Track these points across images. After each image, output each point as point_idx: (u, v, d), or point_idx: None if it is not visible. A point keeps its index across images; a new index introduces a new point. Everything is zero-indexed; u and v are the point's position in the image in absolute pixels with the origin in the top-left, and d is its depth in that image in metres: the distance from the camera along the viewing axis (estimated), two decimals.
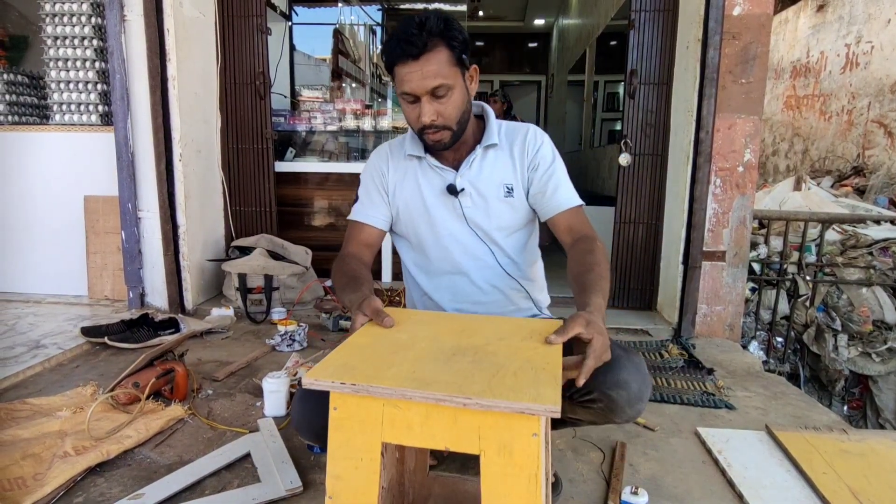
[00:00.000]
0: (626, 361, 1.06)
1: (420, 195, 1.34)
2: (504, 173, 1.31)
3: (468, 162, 1.31)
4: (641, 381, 1.06)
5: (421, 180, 1.34)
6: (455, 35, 1.15)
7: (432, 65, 1.14)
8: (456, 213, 1.32)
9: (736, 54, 2.53)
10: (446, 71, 1.15)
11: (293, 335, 2.43)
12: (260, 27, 3.10)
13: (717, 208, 2.64)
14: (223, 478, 1.43)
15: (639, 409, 1.09)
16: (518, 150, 1.31)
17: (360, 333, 0.98)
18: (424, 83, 1.15)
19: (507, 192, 1.31)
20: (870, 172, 4.72)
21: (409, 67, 1.14)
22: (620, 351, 1.08)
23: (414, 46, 1.12)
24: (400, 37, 1.14)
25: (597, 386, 1.05)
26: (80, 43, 2.92)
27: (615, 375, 1.05)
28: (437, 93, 1.16)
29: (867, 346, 2.93)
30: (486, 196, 1.31)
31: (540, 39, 9.46)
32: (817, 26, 5.75)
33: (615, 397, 1.06)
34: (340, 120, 3.57)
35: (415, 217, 1.35)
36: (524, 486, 0.74)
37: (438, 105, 1.18)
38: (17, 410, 1.72)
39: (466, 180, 1.30)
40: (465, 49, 1.18)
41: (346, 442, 0.79)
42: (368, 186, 1.39)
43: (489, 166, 1.31)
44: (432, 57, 1.13)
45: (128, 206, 2.76)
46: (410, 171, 1.35)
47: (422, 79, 1.15)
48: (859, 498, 1.35)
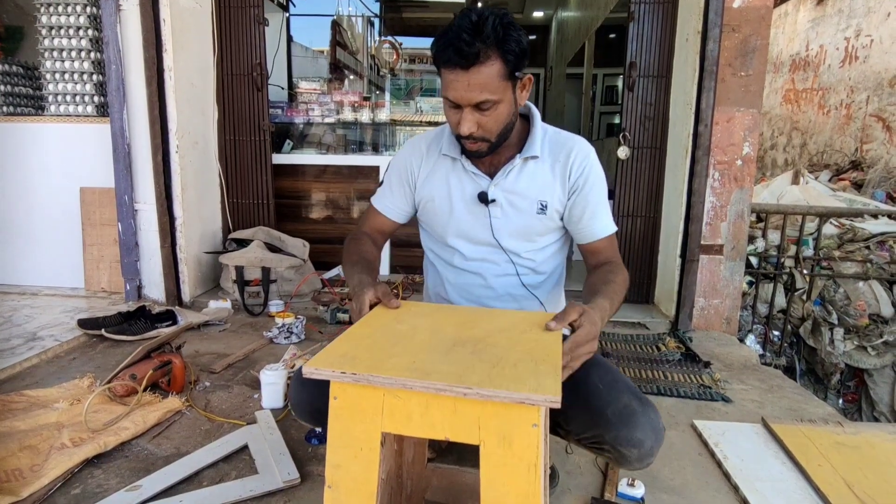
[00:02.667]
0: (642, 418, 1.03)
1: (448, 196, 1.28)
2: (541, 189, 1.23)
3: (505, 171, 1.23)
4: (654, 439, 1.03)
5: (452, 181, 1.28)
6: (512, 46, 1.03)
7: (482, 78, 1.04)
8: (483, 221, 1.26)
9: (735, 47, 2.52)
10: (495, 85, 1.05)
11: (291, 327, 2.42)
12: (257, 18, 3.07)
13: (715, 202, 2.64)
14: (221, 469, 1.43)
15: (648, 463, 1.06)
16: (560, 167, 1.22)
17: (361, 324, 0.97)
18: (469, 95, 1.06)
19: (541, 208, 1.23)
20: (868, 166, 4.73)
21: (455, 75, 1.05)
22: (636, 403, 1.04)
23: (464, 56, 1.02)
24: (452, 39, 1.02)
25: (609, 440, 1.03)
26: (76, 33, 2.90)
27: (630, 433, 1.01)
28: (481, 106, 1.07)
29: (863, 339, 2.94)
30: (519, 209, 1.24)
31: (539, 32, 9.41)
32: (817, 20, 5.74)
33: (626, 454, 1.03)
34: (338, 112, 3.56)
35: (438, 215, 1.30)
36: (523, 476, 0.74)
37: (481, 117, 1.09)
38: (14, 402, 1.72)
39: (500, 190, 1.23)
40: (522, 60, 1.07)
41: (345, 431, 0.79)
42: (393, 178, 1.34)
43: (526, 179, 1.23)
44: (483, 69, 1.03)
45: (124, 197, 2.74)
46: (442, 169, 1.29)
47: (467, 90, 1.05)
48: (854, 490, 1.36)
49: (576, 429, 1.09)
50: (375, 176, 3.37)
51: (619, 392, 1.06)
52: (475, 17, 1.03)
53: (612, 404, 1.04)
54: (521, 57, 1.06)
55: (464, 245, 1.30)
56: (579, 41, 6.26)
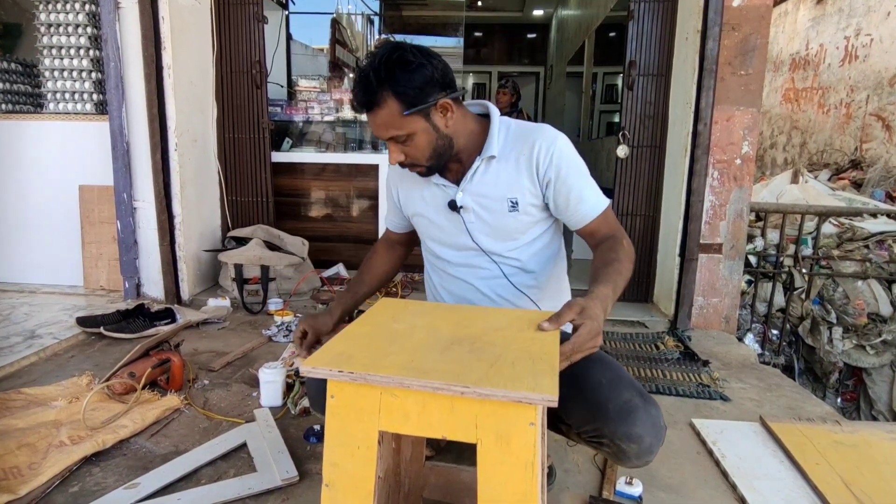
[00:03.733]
0: (643, 414, 1.02)
1: (426, 210, 1.33)
2: (508, 187, 1.23)
3: (468, 177, 1.24)
4: (655, 436, 1.03)
5: (426, 195, 1.32)
6: (401, 87, 1.08)
7: (382, 118, 1.12)
8: (459, 227, 1.28)
9: (735, 46, 2.51)
10: (398, 122, 1.12)
11: (289, 326, 2.42)
12: (256, 15, 3.07)
13: (714, 201, 2.64)
14: (219, 468, 1.44)
15: (647, 461, 1.06)
16: (525, 161, 1.21)
17: (359, 322, 0.98)
18: (379, 133, 1.16)
19: (512, 206, 1.23)
20: (867, 166, 4.73)
21: (366, 117, 1.16)
22: (638, 399, 1.04)
23: (360, 104, 1.13)
24: (354, 86, 1.15)
25: (609, 434, 1.03)
26: (75, 30, 2.89)
27: (630, 429, 1.01)
28: (396, 139, 1.15)
29: (862, 338, 2.94)
30: (490, 210, 1.25)
31: (539, 30, 9.40)
32: (817, 18, 5.73)
33: (626, 449, 1.03)
34: (337, 110, 3.55)
35: (423, 228, 1.38)
36: (520, 474, 0.74)
37: (403, 147, 1.17)
38: (13, 400, 1.72)
39: (468, 195, 1.25)
40: (421, 94, 1.10)
41: (343, 430, 0.79)
42: (386, 196, 1.47)
43: (491, 179, 1.24)
44: (380, 112, 1.11)
45: (123, 195, 2.74)
46: (417, 186, 1.33)
47: (376, 129, 1.15)
48: (851, 489, 1.36)
49: (576, 422, 1.09)
50: (374, 174, 3.37)
51: (621, 387, 1.06)
52: (366, 66, 1.11)
53: (613, 399, 1.03)
54: (418, 91, 1.10)
55: (448, 253, 1.34)
56: (579, 40, 6.25)
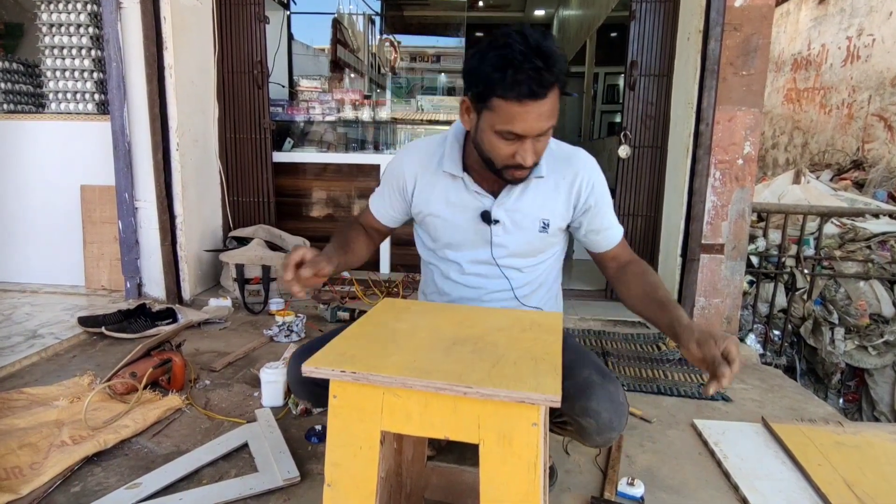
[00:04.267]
0: (599, 389, 1.03)
1: (449, 214, 1.25)
2: (543, 207, 1.22)
3: (508, 191, 1.20)
4: (613, 411, 1.03)
5: (453, 199, 1.24)
6: (563, 66, 1.01)
7: (548, 105, 1.01)
8: (483, 238, 1.25)
9: (737, 46, 2.51)
10: (556, 109, 1.04)
11: (291, 326, 2.42)
12: (258, 15, 3.07)
13: (716, 201, 2.63)
14: (220, 468, 1.43)
15: (609, 438, 1.06)
16: (566, 185, 1.21)
17: (361, 322, 0.97)
18: (540, 125, 1.02)
19: (543, 227, 1.22)
20: (869, 166, 4.72)
21: (524, 107, 0.99)
22: (596, 376, 1.06)
23: (543, 86, 0.97)
24: (523, 70, 0.96)
25: (567, 410, 1.05)
26: (76, 31, 2.90)
27: (586, 403, 1.03)
28: (544, 132, 1.05)
29: (864, 339, 2.94)
30: (521, 227, 1.23)
31: None
32: (819, 19, 5.72)
33: (585, 425, 1.04)
34: (339, 110, 3.55)
35: (438, 230, 1.29)
36: (523, 475, 0.74)
37: (538, 144, 1.07)
38: (14, 400, 1.72)
39: (503, 210, 1.21)
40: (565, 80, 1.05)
41: (345, 429, 0.79)
42: (386, 185, 1.32)
43: (530, 197, 1.21)
44: (550, 96, 1.00)
45: (124, 195, 2.74)
46: (441, 185, 1.25)
47: (538, 120, 1.01)
48: (854, 490, 1.36)
49: None
50: (376, 174, 3.37)
51: (581, 367, 1.08)
52: (535, 43, 0.97)
53: (571, 378, 1.04)
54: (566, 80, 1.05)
55: (462, 259, 1.29)
56: (581, 40, 6.25)
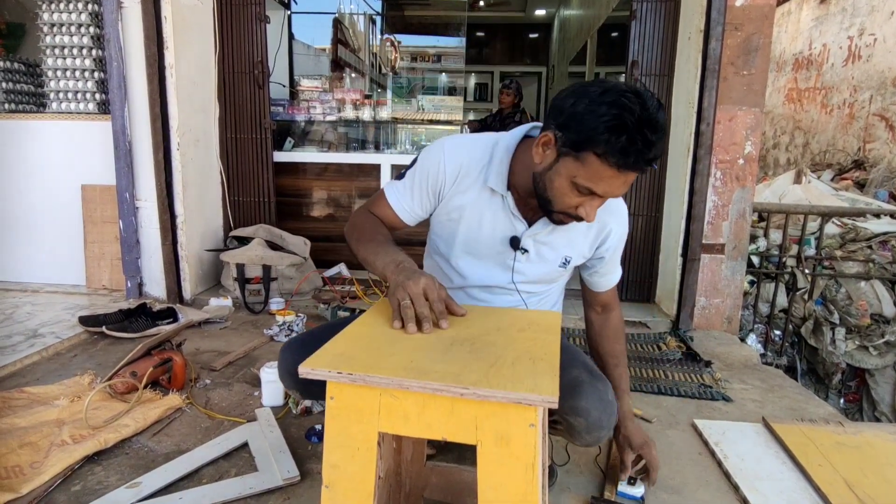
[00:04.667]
0: (588, 388, 1.05)
1: (479, 228, 1.21)
2: (569, 245, 1.23)
3: (545, 223, 1.18)
4: (602, 410, 1.05)
5: (486, 212, 1.20)
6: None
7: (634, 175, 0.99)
8: (506, 263, 1.24)
9: (738, 45, 2.51)
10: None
11: (291, 325, 2.43)
12: (259, 15, 3.07)
13: (716, 201, 2.63)
14: (220, 467, 1.44)
15: (598, 437, 1.08)
16: (595, 231, 1.23)
17: (359, 323, 0.97)
18: (622, 190, 1.01)
19: (564, 263, 1.24)
20: (870, 166, 4.71)
21: (622, 175, 0.96)
22: (585, 375, 1.07)
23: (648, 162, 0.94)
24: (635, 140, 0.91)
25: (556, 410, 1.05)
26: (77, 30, 2.90)
27: (576, 402, 1.04)
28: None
29: (865, 339, 2.93)
30: (545, 259, 1.24)
31: (541, 30, 9.39)
32: (820, 18, 5.71)
33: (573, 423, 1.06)
34: (340, 110, 3.55)
35: (461, 239, 1.24)
36: (521, 475, 0.74)
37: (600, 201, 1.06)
38: (15, 399, 1.72)
39: (532, 241, 1.21)
40: None
41: (342, 431, 0.79)
42: (417, 178, 1.21)
43: (560, 234, 1.21)
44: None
45: (125, 195, 2.75)
46: (478, 196, 1.19)
47: (623, 186, 1.00)
48: (854, 490, 1.36)
49: None
50: (377, 174, 3.37)
51: (571, 367, 1.10)
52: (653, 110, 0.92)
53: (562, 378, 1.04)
54: None
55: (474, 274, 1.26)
56: (581, 40, 6.24)
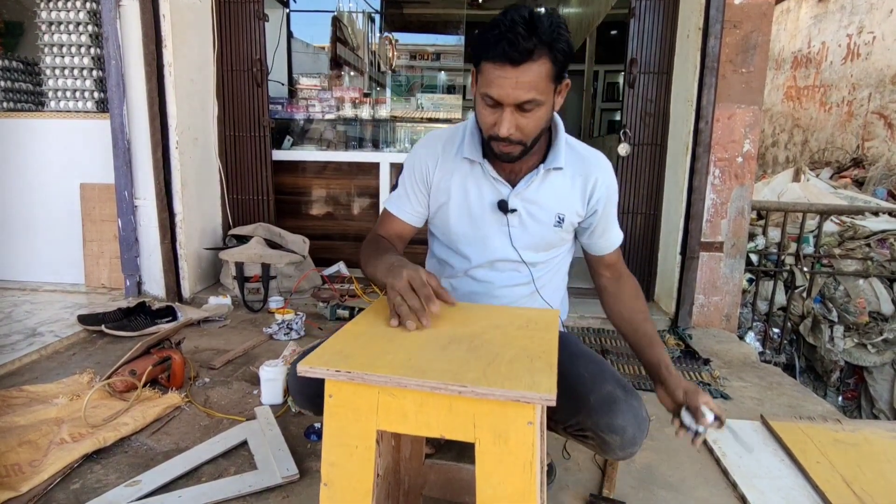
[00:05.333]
0: (624, 405, 1.03)
1: (467, 202, 1.23)
2: (560, 202, 1.21)
3: (527, 181, 1.19)
4: (637, 427, 1.03)
5: (470, 186, 1.22)
6: (563, 46, 1.01)
7: (531, 76, 1.00)
8: (501, 230, 1.23)
9: (737, 43, 2.51)
10: (542, 85, 1.02)
11: (290, 324, 2.43)
12: (257, 13, 3.06)
13: (715, 199, 2.63)
14: (220, 465, 1.44)
15: (631, 452, 1.06)
16: (581, 183, 1.21)
17: (357, 321, 0.97)
18: (516, 93, 1.01)
19: (558, 221, 1.22)
20: (869, 164, 4.71)
21: (503, 71, 0.99)
22: (619, 391, 1.05)
23: (517, 51, 0.97)
24: (504, 33, 0.97)
25: (591, 426, 1.04)
26: (76, 29, 2.89)
27: (612, 420, 1.02)
28: (524, 106, 1.03)
29: (863, 337, 2.94)
30: (537, 220, 1.22)
31: None
32: (819, 16, 5.71)
33: (609, 441, 1.04)
34: (338, 108, 3.55)
35: (454, 220, 1.25)
36: (519, 473, 0.74)
37: (521, 119, 1.05)
38: (14, 398, 1.72)
39: (520, 200, 1.20)
40: (567, 63, 1.04)
41: (341, 429, 0.79)
42: (407, 180, 1.27)
43: (547, 190, 1.21)
44: (534, 67, 0.99)
45: (124, 193, 2.74)
46: (460, 172, 1.23)
47: (514, 88, 1.00)
48: (852, 487, 1.36)
49: (560, 416, 1.10)
50: (376, 172, 3.37)
51: (603, 380, 1.07)
52: (528, 14, 0.99)
53: (595, 392, 1.05)
54: (569, 58, 1.04)
55: (475, 253, 1.26)
56: (580, 38, 6.23)
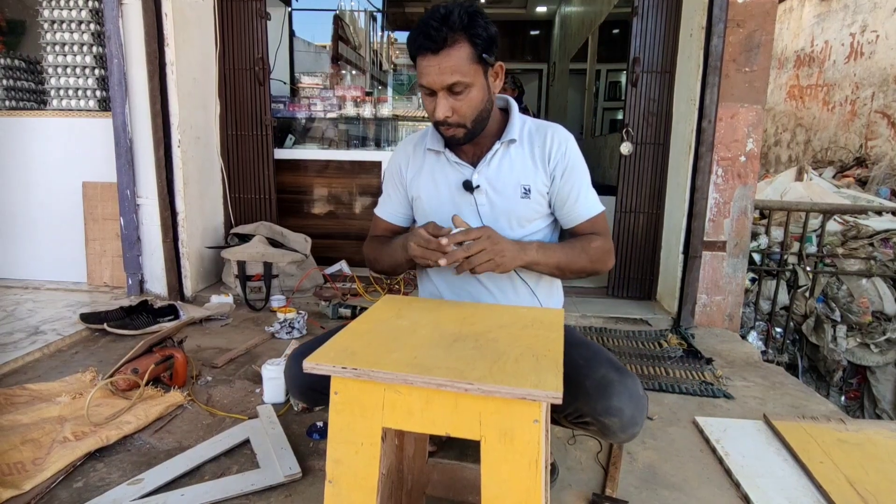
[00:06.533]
0: (619, 387, 1.05)
1: (436, 190, 1.31)
2: (522, 173, 1.27)
3: (486, 159, 1.27)
4: (635, 407, 1.05)
5: (438, 175, 1.31)
6: (479, 31, 1.12)
7: (451, 61, 1.11)
8: (471, 209, 1.28)
9: (740, 42, 2.50)
10: (465, 68, 1.13)
11: (292, 322, 2.43)
12: (259, 12, 3.06)
13: (718, 198, 2.63)
14: (222, 464, 1.44)
15: (633, 433, 1.07)
16: (539, 151, 1.27)
17: (363, 319, 0.97)
18: (441, 78, 1.13)
19: (524, 192, 1.26)
20: (872, 163, 4.70)
21: (427, 61, 1.12)
22: (614, 373, 1.06)
23: (433, 41, 1.10)
24: (422, 28, 1.11)
25: (589, 411, 1.05)
26: (78, 27, 2.89)
27: (608, 402, 1.04)
28: (453, 89, 1.14)
29: (866, 336, 2.93)
30: (503, 194, 1.27)
31: (542, 27, 9.36)
32: (822, 15, 5.70)
33: (608, 424, 1.05)
34: (340, 107, 3.55)
35: (430, 212, 1.32)
36: (524, 471, 0.74)
37: (454, 102, 1.16)
38: (17, 396, 1.72)
39: (483, 177, 1.27)
40: (490, 46, 1.14)
41: (346, 426, 0.79)
42: (388, 183, 1.41)
43: (507, 164, 1.27)
44: (452, 52, 1.11)
45: (126, 192, 2.75)
46: (427, 165, 1.33)
47: (438, 74, 1.12)
48: (855, 487, 1.36)
49: (558, 406, 1.10)
50: (378, 171, 3.37)
51: (597, 365, 1.09)
52: (443, 10, 1.11)
53: (590, 377, 1.07)
54: (489, 42, 1.14)
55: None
56: (583, 36, 6.23)
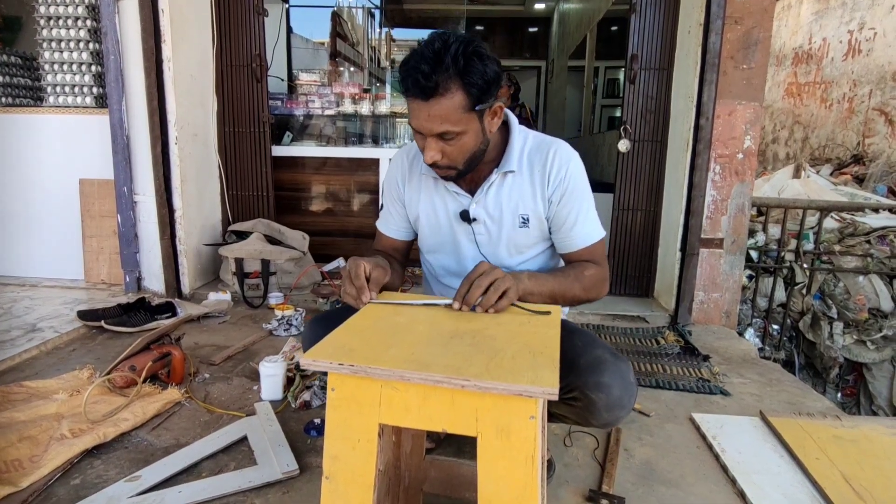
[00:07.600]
0: (611, 366, 1.05)
1: (436, 215, 1.28)
2: (520, 202, 1.22)
3: (484, 189, 1.22)
4: (623, 389, 1.04)
5: (436, 200, 1.28)
6: (475, 78, 1.01)
7: (441, 110, 1.02)
8: (469, 238, 1.27)
9: (738, 39, 2.50)
10: (456, 117, 1.04)
11: (290, 320, 2.43)
12: (257, 8, 3.05)
13: (715, 195, 2.63)
14: (220, 461, 1.44)
15: (618, 416, 1.07)
16: (539, 176, 1.21)
17: (360, 315, 0.97)
18: (430, 126, 1.05)
19: (523, 222, 1.23)
20: (869, 161, 4.71)
21: (417, 104, 1.04)
22: (608, 355, 1.07)
23: (422, 90, 1.00)
24: (413, 68, 1.00)
25: (579, 385, 1.05)
26: (74, 23, 2.88)
27: (599, 378, 1.04)
28: (444, 136, 1.07)
29: (862, 333, 2.94)
30: (501, 224, 1.24)
31: (540, 24, 9.35)
32: (820, 12, 5.70)
33: (594, 399, 1.05)
34: (338, 104, 3.54)
35: (429, 235, 1.31)
36: (521, 467, 0.74)
37: (444, 146, 1.08)
38: (14, 393, 1.72)
39: (481, 208, 1.23)
40: (487, 91, 1.05)
41: (343, 422, 0.79)
42: (387, 197, 1.36)
43: (506, 194, 1.22)
44: (443, 101, 1.01)
45: (123, 189, 2.74)
46: (426, 188, 1.29)
47: (427, 121, 1.04)
48: (851, 483, 1.36)
49: None
50: (375, 168, 3.36)
51: (594, 347, 1.11)
52: (438, 45, 1.00)
53: (585, 355, 1.08)
54: (486, 89, 1.04)
55: (451, 262, 1.31)
56: (581, 34, 6.22)
